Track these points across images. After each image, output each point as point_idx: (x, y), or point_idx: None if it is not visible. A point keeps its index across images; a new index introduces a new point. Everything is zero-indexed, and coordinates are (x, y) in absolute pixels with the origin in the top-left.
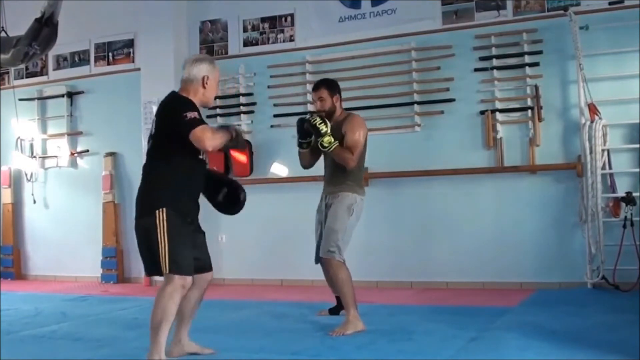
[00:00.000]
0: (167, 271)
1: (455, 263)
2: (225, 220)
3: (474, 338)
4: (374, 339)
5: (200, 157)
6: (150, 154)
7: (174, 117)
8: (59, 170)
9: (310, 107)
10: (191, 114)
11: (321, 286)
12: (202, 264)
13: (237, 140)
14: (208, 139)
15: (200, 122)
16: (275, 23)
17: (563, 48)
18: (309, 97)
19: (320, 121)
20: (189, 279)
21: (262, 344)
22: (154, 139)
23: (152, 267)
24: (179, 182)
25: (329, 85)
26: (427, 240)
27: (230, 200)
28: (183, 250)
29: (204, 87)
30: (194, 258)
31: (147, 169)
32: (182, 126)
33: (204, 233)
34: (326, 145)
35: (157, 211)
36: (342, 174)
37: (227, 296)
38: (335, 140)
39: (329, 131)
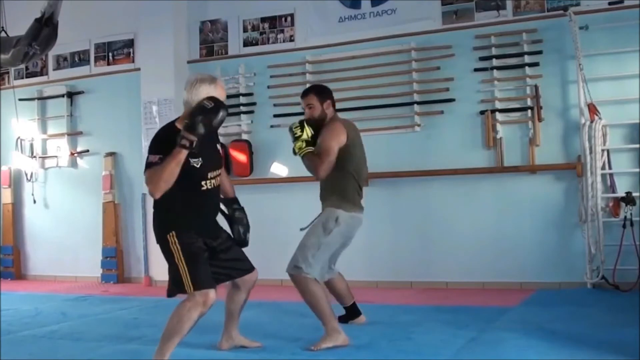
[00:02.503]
0: (192, 290)
1: (455, 263)
2: (225, 220)
3: (474, 338)
4: (374, 339)
5: (203, 183)
6: None
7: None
8: (59, 170)
9: None
10: (152, 157)
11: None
12: (243, 270)
13: (196, 140)
14: (149, 184)
15: (148, 166)
16: (275, 23)
17: (563, 48)
18: (305, 114)
19: (297, 125)
20: (210, 294)
21: (262, 344)
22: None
23: (177, 287)
24: (183, 207)
25: (318, 91)
26: (427, 240)
27: (235, 238)
28: (200, 267)
29: None
30: (233, 268)
31: (154, 200)
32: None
33: (234, 241)
34: (296, 150)
35: (167, 236)
36: (327, 188)
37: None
38: (309, 146)
39: (304, 136)
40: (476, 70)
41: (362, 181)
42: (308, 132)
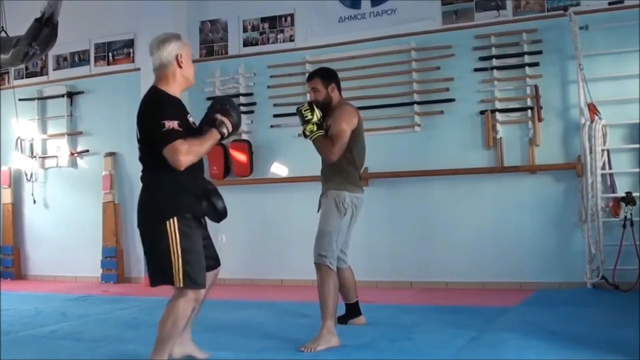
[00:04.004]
0: (181, 285)
1: (455, 263)
2: (225, 220)
3: (474, 338)
4: (374, 339)
5: None
6: (143, 160)
7: (152, 126)
8: (59, 170)
9: None
10: (169, 123)
11: None
12: (211, 262)
13: (233, 130)
14: (182, 154)
15: (176, 135)
16: (275, 23)
17: (563, 48)
18: (309, 97)
19: (307, 108)
20: (202, 290)
21: (262, 344)
22: (141, 145)
23: (161, 278)
24: (184, 186)
25: (323, 75)
26: (427, 240)
27: (211, 210)
28: (198, 262)
29: (180, 67)
30: (208, 258)
31: (146, 176)
32: (158, 139)
33: (206, 228)
34: (307, 133)
35: (167, 221)
36: (330, 170)
37: (227, 296)
38: (320, 129)
39: (314, 119)
40: (476, 70)
41: (361, 168)
42: (317, 114)
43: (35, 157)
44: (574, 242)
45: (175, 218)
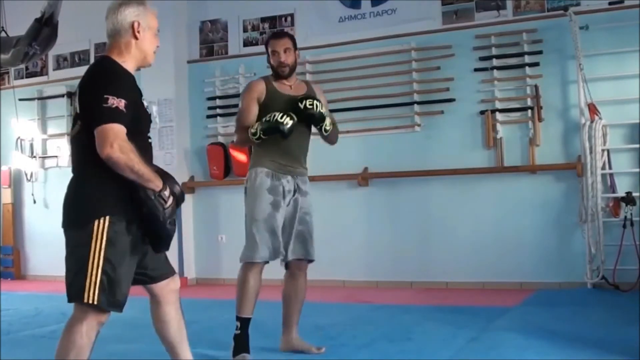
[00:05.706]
0: (96, 302)
1: (455, 263)
2: (225, 220)
3: (474, 338)
4: (374, 339)
5: (149, 138)
6: (77, 140)
7: (93, 99)
8: (59, 170)
9: None
10: (114, 100)
11: (321, 286)
12: (159, 273)
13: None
14: (115, 143)
15: (117, 116)
16: (275, 23)
17: (563, 48)
18: (278, 58)
19: (318, 102)
20: (106, 315)
21: (262, 344)
22: (81, 121)
23: (77, 291)
24: (123, 180)
25: (293, 37)
26: (427, 240)
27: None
28: (123, 277)
29: (136, 38)
30: (147, 268)
31: (76, 161)
32: (95, 115)
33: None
34: (329, 128)
35: (96, 221)
36: (305, 153)
37: (227, 296)
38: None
39: (325, 111)
40: (476, 70)
41: None
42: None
43: (35, 157)
44: (574, 242)
45: (106, 218)
